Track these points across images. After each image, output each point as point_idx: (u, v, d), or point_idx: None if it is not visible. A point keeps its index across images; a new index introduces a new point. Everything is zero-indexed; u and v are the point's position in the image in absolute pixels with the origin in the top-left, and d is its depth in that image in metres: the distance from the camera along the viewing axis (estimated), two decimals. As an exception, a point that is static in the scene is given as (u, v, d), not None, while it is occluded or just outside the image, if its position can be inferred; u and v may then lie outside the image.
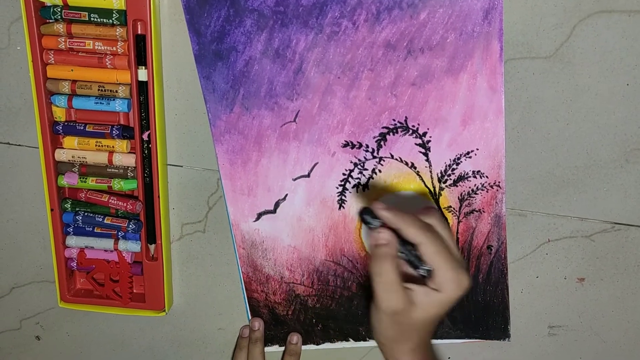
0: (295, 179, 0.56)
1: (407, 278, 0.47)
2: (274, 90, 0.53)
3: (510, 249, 0.59)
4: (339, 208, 0.57)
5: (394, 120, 0.54)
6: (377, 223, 0.47)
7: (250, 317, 0.62)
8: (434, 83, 0.52)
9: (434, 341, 0.61)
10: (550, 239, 0.59)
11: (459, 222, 0.57)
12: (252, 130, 0.54)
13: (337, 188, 0.56)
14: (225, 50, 0.52)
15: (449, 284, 0.46)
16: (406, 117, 0.54)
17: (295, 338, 0.62)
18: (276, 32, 0.51)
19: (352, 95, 0.53)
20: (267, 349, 0.63)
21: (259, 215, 0.58)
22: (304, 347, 0.63)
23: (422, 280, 0.47)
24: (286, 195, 0.57)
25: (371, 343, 0.63)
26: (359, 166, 0.56)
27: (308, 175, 0.56)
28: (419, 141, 0.54)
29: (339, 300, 0.61)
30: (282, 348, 0.63)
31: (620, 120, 0.54)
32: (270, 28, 0.51)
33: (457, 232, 0.57)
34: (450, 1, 0.50)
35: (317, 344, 0.63)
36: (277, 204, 0.57)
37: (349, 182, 0.56)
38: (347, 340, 0.63)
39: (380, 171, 0.56)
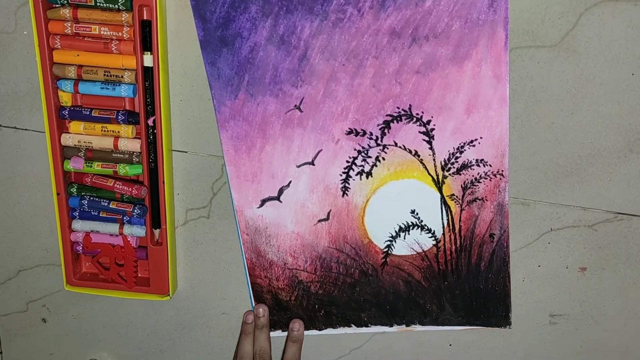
0: (299, 166, 0.56)
1: None
2: (278, 77, 0.53)
3: (513, 237, 0.59)
4: (343, 195, 0.57)
5: (398, 108, 0.54)
6: None
7: (253, 303, 0.63)
8: (438, 71, 0.52)
9: (434, 327, 0.62)
10: (553, 228, 0.59)
11: (461, 210, 0.57)
12: (256, 116, 0.55)
13: (341, 175, 0.57)
14: (231, 37, 0.52)
15: None
16: (410, 105, 0.54)
17: (297, 325, 0.63)
18: (281, 19, 0.51)
19: (356, 83, 0.53)
20: (270, 333, 0.64)
21: (263, 202, 0.58)
22: (307, 332, 0.64)
23: None
24: (290, 182, 0.57)
25: (373, 329, 0.63)
26: (363, 153, 0.56)
27: (312, 163, 0.56)
28: (422, 129, 0.55)
29: (342, 287, 0.61)
30: (285, 333, 0.64)
31: (624, 110, 0.54)
32: (275, 14, 0.51)
33: (460, 220, 0.58)
34: None
35: (320, 330, 0.63)
36: (280, 191, 0.57)
37: (353, 170, 0.56)
38: (349, 326, 0.63)
39: (383, 159, 0.56)
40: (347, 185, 0.57)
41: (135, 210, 0.58)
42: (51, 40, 0.53)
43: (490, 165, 0.55)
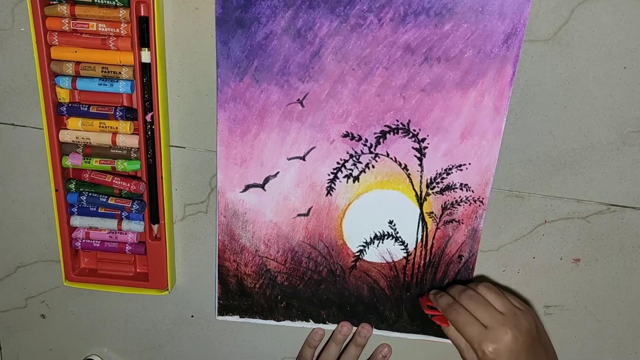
0: (290, 159, 0.57)
1: None
2: (287, 68, 0.53)
3: (508, 229, 0.60)
4: (327, 194, 0.58)
5: (397, 120, 0.55)
6: None
7: (217, 285, 0.62)
8: (443, 93, 0.53)
9: (390, 333, 0.64)
10: (547, 220, 0.60)
11: (437, 229, 0.59)
12: (257, 103, 0.55)
13: (329, 175, 0.57)
14: (248, 20, 0.52)
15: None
16: (409, 120, 0.55)
17: (366, 330, 0.63)
18: (302, 13, 0.51)
19: (362, 89, 0.54)
20: (226, 317, 0.64)
21: (247, 187, 0.58)
22: (265, 322, 0.64)
23: None
24: (278, 172, 0.57)
25: (330, 326, 0.64)
26: (354, 158, 0.56)
27: (303, 158, 0.57)
28: (416, 145, 0.55)
29: (308, 282, 0.62)
30: (243, 319, 0.64)
31: (617, 103, 0.55)
32: (297, 7, 0.51)
33: (434, 238, 0.59)
34: (475, 19, 0.50)
35: (278, 321, 0.64)
36: (266, 179, 0.58)
37: (342, 172, 0.57)
38: (308, 321, 0.64)
39: (373, 167, 0.57)
40: (332, 185, 0.58)
41: (134, 206, 0.58)
42: (49, 36, 0.53)
43: (472, 191, 0.57)
